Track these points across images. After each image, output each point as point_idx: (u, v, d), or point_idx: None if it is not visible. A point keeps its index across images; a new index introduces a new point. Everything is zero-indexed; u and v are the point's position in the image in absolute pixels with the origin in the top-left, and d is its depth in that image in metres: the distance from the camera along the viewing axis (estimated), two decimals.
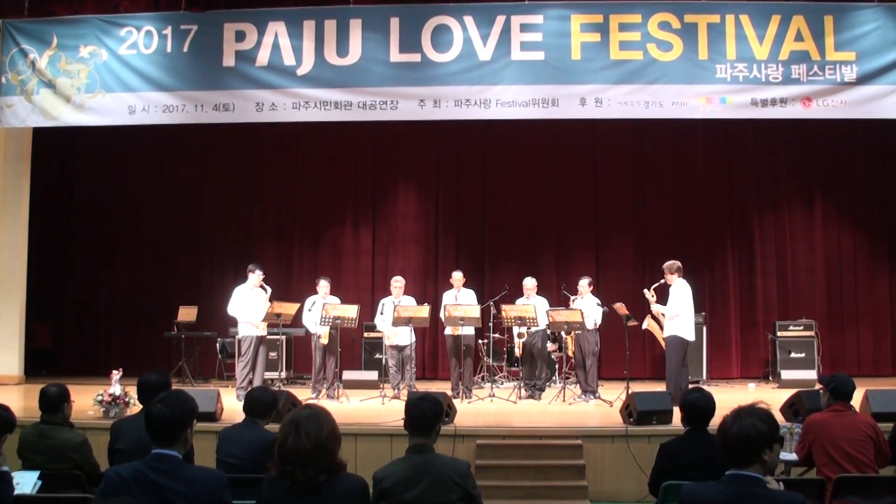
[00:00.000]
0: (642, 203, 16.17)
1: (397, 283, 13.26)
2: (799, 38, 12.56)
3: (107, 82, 13.46)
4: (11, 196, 15.02)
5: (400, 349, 12.91)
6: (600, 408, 11.79)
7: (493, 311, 13.60)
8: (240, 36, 13.40)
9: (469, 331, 12.86)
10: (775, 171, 16.04)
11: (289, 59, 13.27)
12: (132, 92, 13.43)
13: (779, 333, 14.75)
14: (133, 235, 16.82)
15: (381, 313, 13.08)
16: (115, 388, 10.30)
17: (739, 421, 4.05)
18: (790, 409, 9.47)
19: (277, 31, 13.32)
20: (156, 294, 16.48)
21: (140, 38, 13.51)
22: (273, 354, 14.07)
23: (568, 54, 12.90)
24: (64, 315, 16.85)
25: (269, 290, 12.75)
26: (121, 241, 16.86)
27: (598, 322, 12.79)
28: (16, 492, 5.37)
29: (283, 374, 14.38)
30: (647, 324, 12.30)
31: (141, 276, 16.62)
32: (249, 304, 12.52)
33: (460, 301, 12.90)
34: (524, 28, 13.04)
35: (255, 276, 12.78)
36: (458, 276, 13.35)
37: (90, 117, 13.51)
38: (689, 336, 11.69)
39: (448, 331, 13.00)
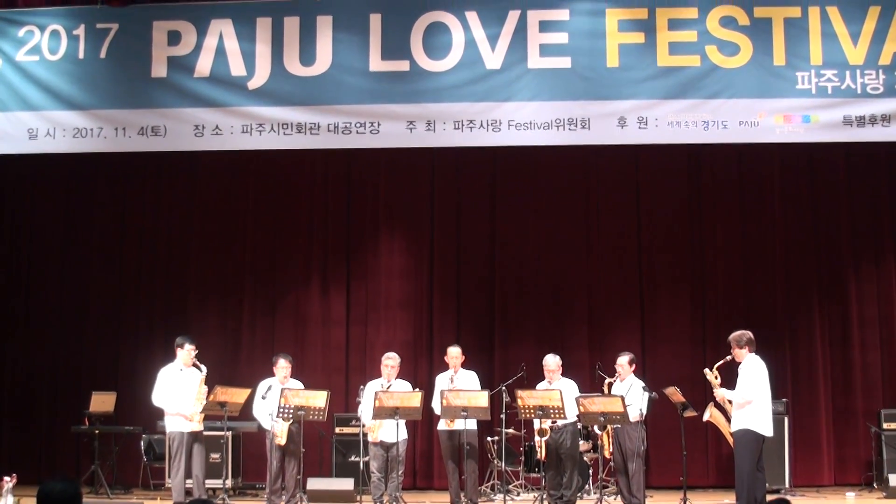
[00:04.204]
0: (702, 255, 16.12)
1: (390, 361, 12.97)
2: None
3: (0, 98, 13.50)
4: None
5: (386, 448, 12.74)
6: None
7: (505, 398, 13.50)
8: (174, 38, 13.50)
9: (469, 425, 12.65)
10: (877, 211, 15.97)
11: (237, 68, 13.37)
12: (33, 111, 13.51)
13: (885, 425, 14.64)
14: (31, 299, 16.74)
15: (359, 399, 12.93)
16: (8, 501, 10.22)
17: None
18: None
19: (223, 31, 13.43)
20: (61, 376, 16.35)
21: (44, 41, 13.62)
22: (215, 456, 13.92)
23: (602, 60, 12.99)
24: None
25: (203, 369, 12.65)
26: (14, 307, 16.76)
27: (645, 412, 12.68)
28: None
29: (229, 483, 14.21)
30: (710, 414, 12.20)
31: (41, 352, 16.48)
32: (179, 390, 12.42)
33: (457, 386, 12.77)
34: (545, 26, 13.14)
35: (185, 353, 12.65)
36: (454, 353, 13.14)
37: None
38: (766, 430, 11.57)
39: (441, 425, 12.86)
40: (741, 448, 11.53)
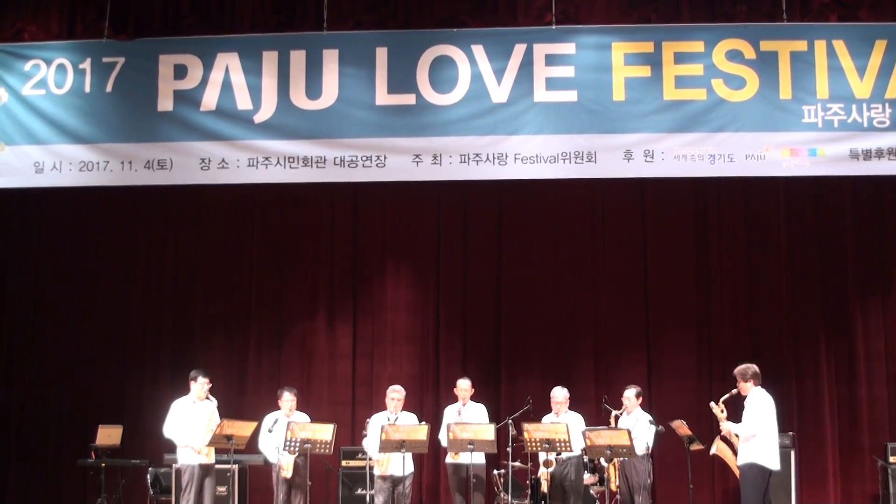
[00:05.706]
0: (707, 288, 16.05)
1: (395, 394, 12.84)
2: None
3: (6, 132, 13.53)
4: None
5: (394, 482, 12.66)
6: None
7: (511, 431, 13.42)
8: (180, 71, 13.48)
9: (477, 458, 12.59)
10: (883, 245, 15.90)
11: (244, 101, 13.35)
12: (40, 144, 13.48)
13: (892, 459, 14.55)
14: (36, 331, 16.67)
15: (365, 433, 12.86)
16: None
17: None
18: None
19: (229, 64, 13.41)
20: (67, 410, 16.27)
21: (50, 75, 13.59)
22: (222, 489, 13.86)
23: (608, 94, 12.98)
24: None
25: (214, 401, 12.60)
26: (20, 340, 16.71)
27: (651, 445, 12.61)
28: None
29: None
30: (716, 448, 12.14)
31: (47, 385, 16.41)
32: (192, 423, 12.35)
33: (465, 418, 12.72)
34: (551, 60, 13.14)
35: (199, 386, 12.59)
36: (464, 386, 13.16)
37: None
38: (772, 464, 11.51)
39: (448, 458, 12.80)
40: (748, 482, 11.48)
